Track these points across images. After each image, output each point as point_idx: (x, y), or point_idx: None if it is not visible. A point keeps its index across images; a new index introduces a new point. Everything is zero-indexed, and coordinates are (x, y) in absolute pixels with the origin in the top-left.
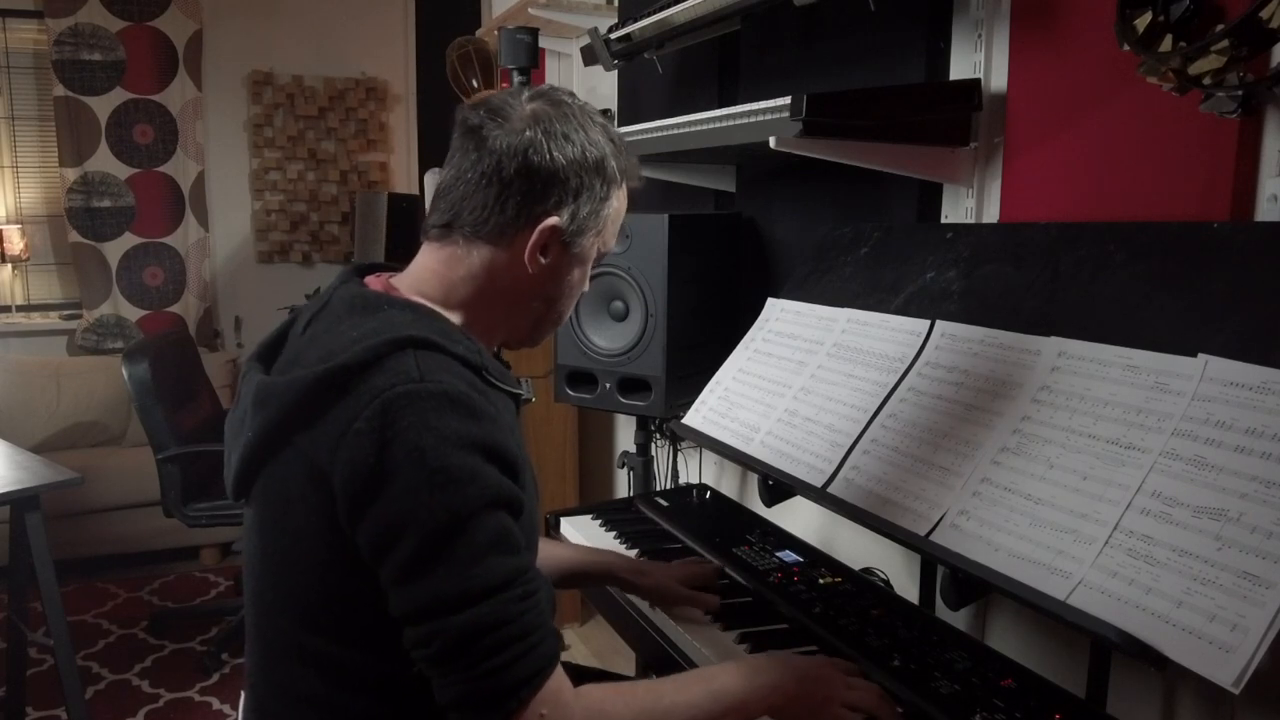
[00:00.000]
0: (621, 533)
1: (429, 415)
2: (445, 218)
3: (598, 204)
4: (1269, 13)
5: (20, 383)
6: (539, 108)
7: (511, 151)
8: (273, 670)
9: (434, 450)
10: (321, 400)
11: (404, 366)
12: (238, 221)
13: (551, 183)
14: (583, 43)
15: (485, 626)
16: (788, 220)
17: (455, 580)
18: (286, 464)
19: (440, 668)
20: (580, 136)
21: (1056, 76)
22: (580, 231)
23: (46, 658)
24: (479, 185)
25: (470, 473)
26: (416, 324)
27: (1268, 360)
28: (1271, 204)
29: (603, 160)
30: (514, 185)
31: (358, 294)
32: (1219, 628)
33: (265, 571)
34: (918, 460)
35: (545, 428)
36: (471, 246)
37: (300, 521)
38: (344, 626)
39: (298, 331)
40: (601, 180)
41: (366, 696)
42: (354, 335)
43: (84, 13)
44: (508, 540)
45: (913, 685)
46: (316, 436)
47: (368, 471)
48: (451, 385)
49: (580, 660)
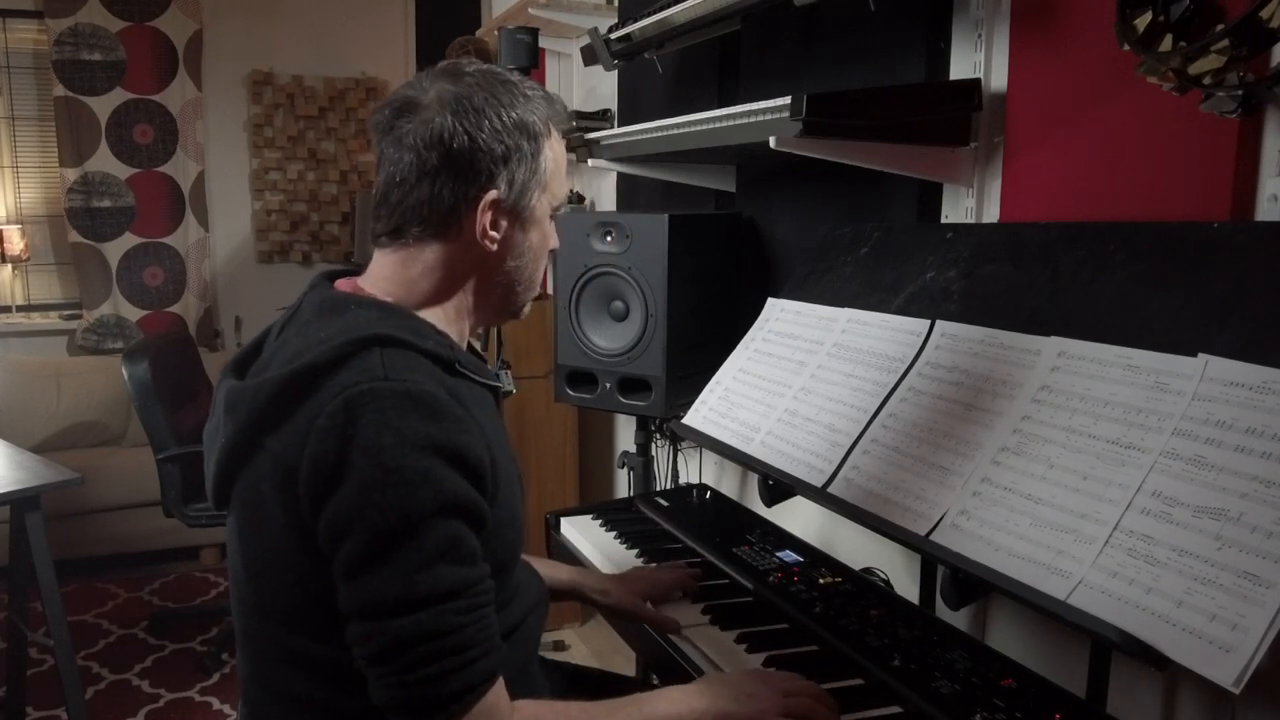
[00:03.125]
0: (621, 533)
1: (390, 414)
2: (391, 224)
3: (531, 162)
4: (1269, 13)
5: (20, 383)
6: (442, 89)
7: (428, 143)
8: (264, 674)
9: (392, 449)
10: (290, 400)
11: (369, 364)
12: (238, 221)
13: (477, 160)
14: (583, 43)
15: (422, 635)
16: (788, 220)
17: (398, 584)
18: (259, 467)
19: (375, 668)
20: (492, 105)
21: (1056, 76)
22: (523, 194)
23: (46, 658)
24: (411, 185)
25: (426, 476)
26: (383, 322)
27: (1268, 360)
28: (1271, 204)
29: (521, 120)
30: (442, 174)
31: (326, 296)
32: (1219, 627)
33: (248, 577)
34: (918, 460)
35: (545, 428)
36: (423, 244)
37: (275, 523)
38: (329, 626)
39: (272, 339)
40: (528, 138)
41: (358, 695)
42: (321, 336)
43: (84, 13)
44: (458, 550)
45: (913, 685)
46: (285, 436)
47: (328, 467)
48: (416, 384)
49: (580, 660)
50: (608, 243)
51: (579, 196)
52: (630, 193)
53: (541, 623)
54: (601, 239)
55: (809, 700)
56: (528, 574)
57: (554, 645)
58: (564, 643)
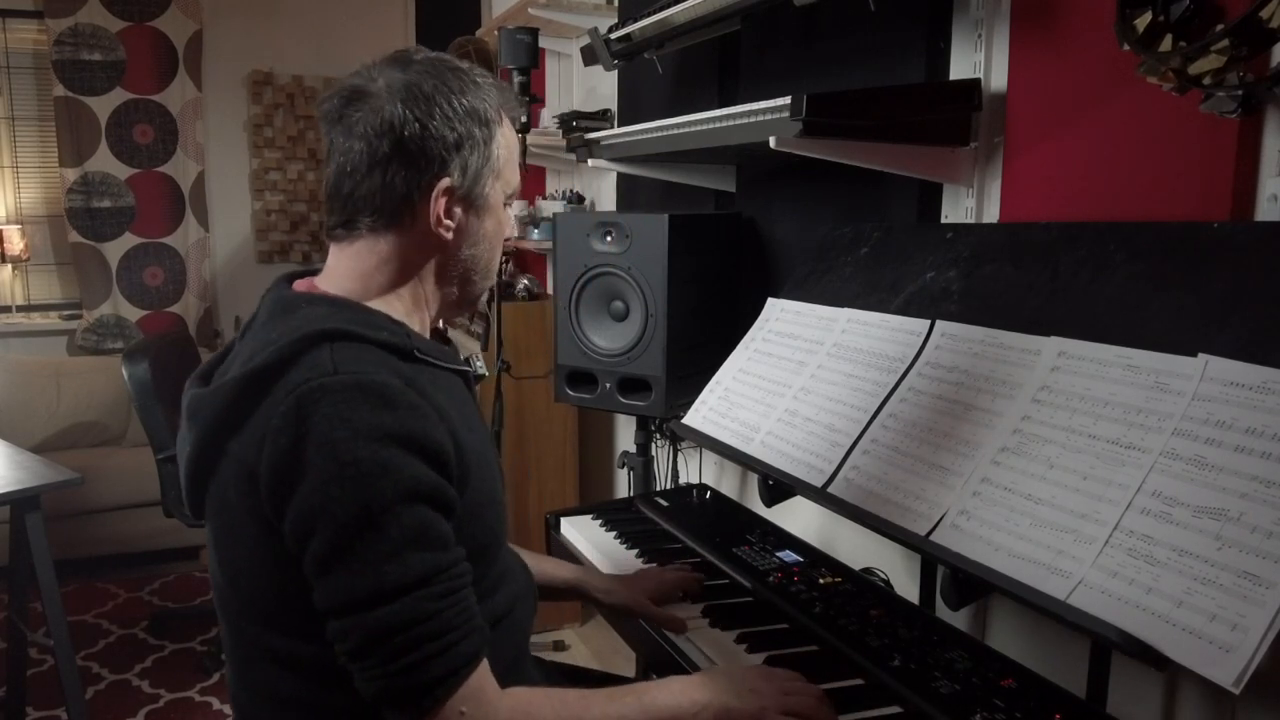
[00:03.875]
0: (621, 533)
1: (341, 408)
2: (343, 216)
3: (484, 149)
4: (1269, 12)
5: (20, 383)
6: (391, 78)
7: (379, 131)
8: (250, 676)
9: (345, 443)
10: (245, 403)
11: (318, 361)
12: (238, 221)
13: (428, 147)
14: (583, 43)
15: (398, 624)
16: (788, 220)
17: (368, 576)
18: (224, 473)
19: (357, 662)
20: (442, 92)
21: (1056, 76)
22: (476, 181)
23: (46, 658)
24: (362, 175)
25: (383, 466)
26: (333, 317)
27: (1268, 360)
28: (1271, 204)
29: (473, 108)
30: (394, 162)
31: (280, 297)
32: (1219, 627)
33: (226, 582)
34: (918, 460)
35: (545, 428)
36: (377, 236)
37: (245, 528)
38: (307, 624)
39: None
40: (479, 124)
41: (343, 692)
42: (273, 336)
43: (84, 13)
44: (427, 535)
45: (913, 685)
46: (245, 439)
47: (285, 467)
48: (366, 376)
49: (580, 660)
50: (608, 243)
51: (579, 196)
52: (630, 193)
53: (531, 614)
54: (601, 239)
55: (810, 700)
56: (514, 562)
57: (554, 645)
58: (564, 643)
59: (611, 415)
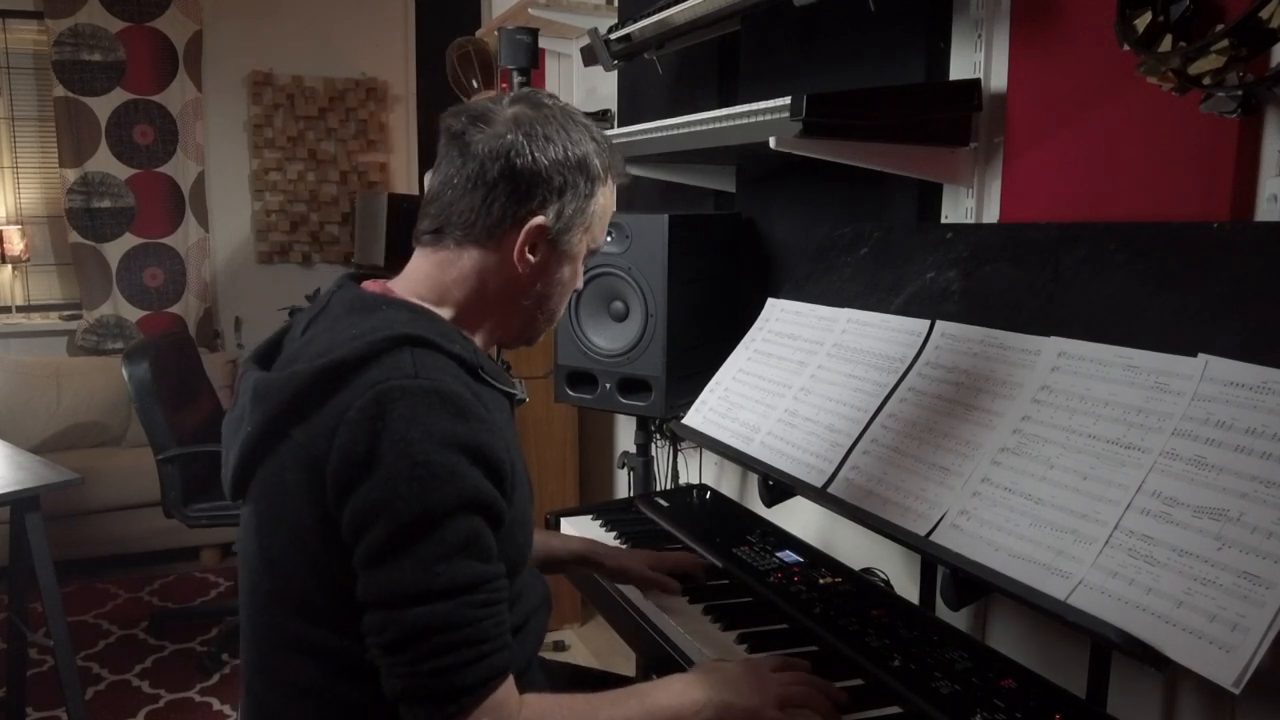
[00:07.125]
0: (622, 533)
1: (420, 411)
2: (435, 223)
3: (583, 201)
4: (1269, 13)
5: (20, 383)
6: (520, 111)
7: (494, 155)
8: (270, 665)
9: (420, 444)
10: (319, 393)
11: (400, 362)
12: (238, 222)
13: (535, 183)
14: (583, 43)
15: (438, 626)
16: (788, 220)
17: (418, 574)
18: (284, 457)
19: (389, 657)
20: (562, 137)
21: (1056, 76)
22: (567, 229)
23: (46, 658)
24: (465, 190)
25: (451, 471)
26: (413, 323)
27: (1268, 360)
28: (1271, 204)
29: (585, 158)
30: (499, 187)
31: (356, 295)
32: (1219, 627)
33: (262, 565)
34: (918, 460)
35: (545, 428)
36: (462, 250)
37: (297, 512)
38: (341, 615)
39: (295, 335)
40: (585, 178)
41: (364, 685)
42: (352, 333)
43: (84, 13)
44: (478, 545)
45: (913, 685)
46: (313, 427)
47: (357, 459)
48: (445, 384)
49: (580, 660)
50: (608, 243)
51: None
52: (630, 193)
53: (545, 624)
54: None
55: (806, 688)
56: (533, 577)
57: (554, 645)
58: (564, 643)
59: (611, 416)
